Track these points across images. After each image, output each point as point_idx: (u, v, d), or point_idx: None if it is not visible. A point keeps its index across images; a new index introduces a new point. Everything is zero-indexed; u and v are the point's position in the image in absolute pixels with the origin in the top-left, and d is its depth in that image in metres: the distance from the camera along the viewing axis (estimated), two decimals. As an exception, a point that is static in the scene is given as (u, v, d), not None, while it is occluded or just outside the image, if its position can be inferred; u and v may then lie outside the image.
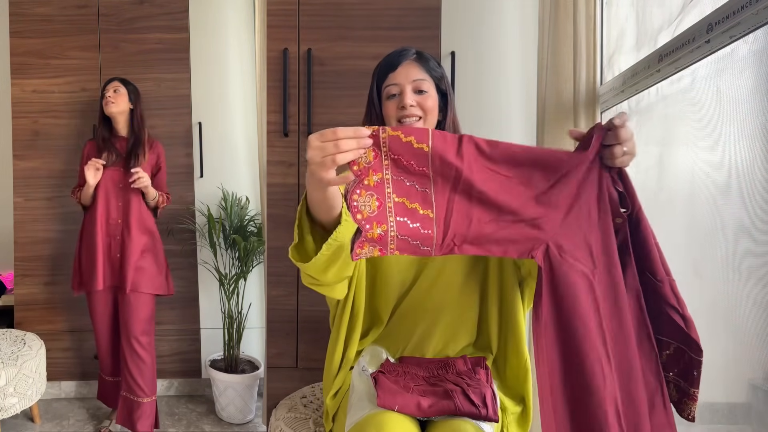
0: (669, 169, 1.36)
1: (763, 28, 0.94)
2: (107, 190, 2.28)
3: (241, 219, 2.63)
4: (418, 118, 1.18)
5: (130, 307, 2.24)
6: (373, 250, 0.88)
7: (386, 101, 1.20)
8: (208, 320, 2.78)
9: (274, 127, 1.84)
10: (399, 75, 1.19)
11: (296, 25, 1.84)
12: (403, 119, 1.17)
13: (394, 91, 1.19)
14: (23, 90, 2.62)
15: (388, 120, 1.20)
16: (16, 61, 2.61)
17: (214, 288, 2.74)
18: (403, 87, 1.17)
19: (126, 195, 2.27)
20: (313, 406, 1.45)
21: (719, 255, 1.18)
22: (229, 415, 2.51)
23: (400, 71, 1.19)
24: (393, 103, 1.19)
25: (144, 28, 2.66)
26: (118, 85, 2.31)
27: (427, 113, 1.19)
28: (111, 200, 2.28)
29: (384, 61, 1.22)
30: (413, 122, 1.17)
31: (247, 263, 2.55)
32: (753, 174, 1.05)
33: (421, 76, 1.19)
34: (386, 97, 1.20)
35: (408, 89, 1.17)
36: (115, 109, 2.29)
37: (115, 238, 2.27)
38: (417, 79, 1.18)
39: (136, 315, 2.24)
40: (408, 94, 1.17)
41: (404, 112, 1.17)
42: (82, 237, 2.35)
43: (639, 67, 1.34)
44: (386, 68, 1.20)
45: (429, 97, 1.18)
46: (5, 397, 2.05)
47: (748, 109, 1.06)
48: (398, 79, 1.18)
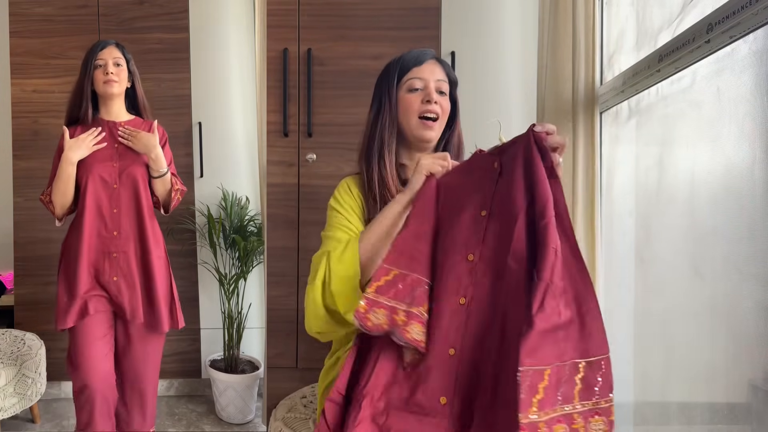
0: (669, 169, 1.36)
1: (763, 28, 0.94)
2: (96, 191, 1.73)
3: (241, 219, 2.63)
4: (435, 118, 1.18)
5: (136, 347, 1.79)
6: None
7: (407, 94, 1.19)
8: (208, 320, 2.78)
9: (274, 127, 1.84)
10: (425, 70, 1.19)
11: (296, 25, 1.84)
12: (426, 113, 1.17)
13: (419, 85, 1.18)
14: (23, 90, 2.62)
15: (408, 114, 1.19)
16: (16, 61, 2.61)
17: (214, 288, 2.74)
18: (428, 83, 1.18)
19: (126, 198, 1.76)
20: (312, 406, 1.45)
21: (719, 255, 1.18)
22: (229, 416, 2.51)
23: (426, 67, 1.19)
24: (416, 96, 1.18)
25: (144, 28, 2.66)
26: (118, 55, 1.78)
27: (444, 115, 1.19)
28: (103, 204, 1.73)
29: (407, 55, 1.22)
30: (432, 122, 1.17)
31: (247, 263, 2.55)
32: (753, 174, 1.05)
33: (443, 77, 1.20)
34: (408, 90, 1.19)
35: (432, 86, 1.18)
36: (119, 89, 1.78)
37: (109, 256, 1.74)
38: (440, 79, 1.19)
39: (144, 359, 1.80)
40: (433, 91, 1.17)
41: (428, 106, 1.17)
42: (65, 258, 1.79)
43: (639, 67, 1.33)
44: (411, 62, 1.20)
45: (446, 100, 1.19)
46: (5, 397, 2.05)
47: (748, 109, 1.06)
48: (424, 74, 1.18)
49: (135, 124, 1.82)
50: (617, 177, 1.56)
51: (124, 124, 1.79)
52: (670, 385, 1.39)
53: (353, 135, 1.79)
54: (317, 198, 1.83)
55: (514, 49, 2.33)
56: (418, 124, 1.18)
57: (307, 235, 1.85)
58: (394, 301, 0.94)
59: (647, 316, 1.51)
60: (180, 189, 1.87)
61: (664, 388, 1.42)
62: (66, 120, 1.82)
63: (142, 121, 1.85)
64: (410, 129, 1.19)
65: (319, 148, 1.84)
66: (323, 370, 1.27)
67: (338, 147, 1.84)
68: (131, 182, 1.76)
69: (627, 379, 1.57)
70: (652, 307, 1.49)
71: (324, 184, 1.83)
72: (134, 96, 1.86)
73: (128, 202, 1.75)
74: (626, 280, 1.56)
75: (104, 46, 1.77)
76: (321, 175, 1.85)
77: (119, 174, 1.75)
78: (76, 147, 1.71)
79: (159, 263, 1.79)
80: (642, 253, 1.51)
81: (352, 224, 1.17)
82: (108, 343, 1.76)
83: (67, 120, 1.82)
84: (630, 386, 1.57)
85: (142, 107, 1.86)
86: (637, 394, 1.55)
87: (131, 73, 1.82)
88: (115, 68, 1.75)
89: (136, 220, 1.76)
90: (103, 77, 1.74)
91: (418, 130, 1.18)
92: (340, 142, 1.84)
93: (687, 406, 1.30)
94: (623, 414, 1.58)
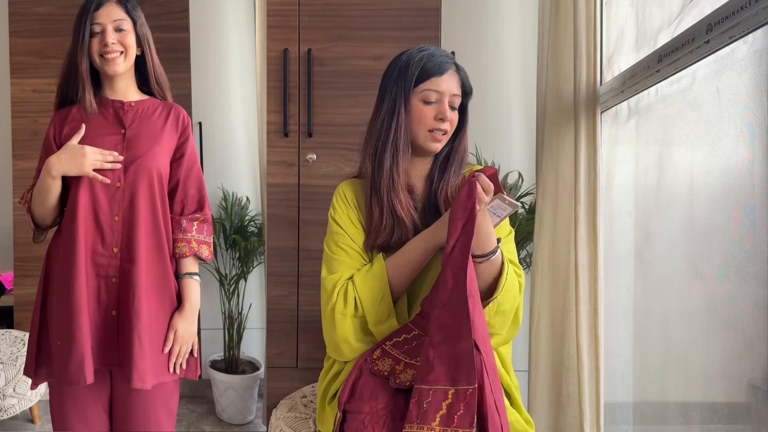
0: (668, 169, 1.36)
1: (762, 28, 0.94)
2: (93, 192, 1.26)
3: (242, 219, 2.63)
4: (443, 134, 1.15)
5: (144, 405, 1.31)
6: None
7: (421, 104, 1.14)
8: (208, 321, 2.78)
9: (275, 128, 1.85)
10: (443, 83, 1.13)
11: (296, 25, 1.84)
12: (436, 130, 1.14)
13: (434, 98, 1.13)
14: (23, 90, 2.61)
15: (418, 125, 1.15)
16: (16, 61, 2.61)
17: (214, 288, 2.74)
18: (443, 96, 1.13)
19: (133, 201, 1.28)
20: (313, 405, 1.45)
21: (719, 255, 1.18)
22: (229, 416, 2.51)
23: (446, 79, 1.13)
24: (430, 110, 1.14)
25: (144, 28, 2.65)
26: (121, 16, 1.30)
27: (452, 129, 1.17)
28: (101, 210, 1.26)
29: (429, 60, 1.14)
30: (442, 136, 1.15)
31: (248, 263, 2.55)
32: (752, 174, 1.05)
33: (458, 92, 1.15)
34: (422, 100, 1.14)
35: (446, 101, 1.13)
36: (124, 65, 1.31)
37: (108, 281, 1.27)
38: (455, 94, 1.15)
39: (156, 418, 1.32)
40: (446, 106, 1.13)
41: (441, 125, 1.14)
42: (47, 284, 1.31)
43: (639, 67, 1.34)
44: (432, 70, 1.13)
45: (456, 115, 1.16)
46: (5, 398, 2.05)
47: (747, 109, 1.06)
48: (442, 86, 1.13)
49: (147, 106, 1.36)
50: (617, 177, 1.57)
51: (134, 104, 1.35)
52: (669, 384, 1.39)
53: (353, 135, 1.79)
54: (317, 198, 1.84)
55: (514, 49, 2.34)
56: (427, 136, 1.15)
57: (308, 235, 1.86)
58: (402, 355, 1.07)
59: (647, 316, 1.52)
60: (204, 236, 1.39)
61: (663, 388, 1.43)
62: (57, 102, 1.38)
63: (160, 102, 1.39)
64: (418, 138, 1.16)
65: (319, 148, 1.85)
66: (323, 370, 1.28)
67: (338, 147, 1.85)
68: (143, 180, 1.28)
69: (626, 379, 1.57)
70: (651, 307, 1.49)
71: (324, 184, 1.83)
72: (144, 68, 1.37)
73: (136, 208, 1.27)
74: (626, 280, 1.56)
75: (101, 2, 1.28)
76: (321, 175, 1.85)
77: (125, 168, 1.28)
78: (68, 158, 1.23)
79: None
80: (641, 253, 1.52)
81: (353, 241, 1.18)
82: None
83: (58, 102, 1.38)
84: (629, 386, 1.57)
85: (153, 84, 1.37)
86: (637, 393, 1.55)
87: (140, 37, 1.33)
88: (117, 35, 1.28)
89: (144, 231, 1.28)
90: (101, 49, 1.28)
91: (426, 143, 1.16)
92: (340, 143, 1.84)
93: (686, 405, 1.30)
94: (623, 413, 1.58)
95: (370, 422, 1.00)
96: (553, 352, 1.60)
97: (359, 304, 1.12)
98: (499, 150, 2.24)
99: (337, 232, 1.21)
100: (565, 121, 1.57)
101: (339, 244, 1.19)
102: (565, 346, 1.56)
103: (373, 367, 1.07)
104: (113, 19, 1.28)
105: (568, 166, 1.56)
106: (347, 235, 1.19)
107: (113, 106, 1.34)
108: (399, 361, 1.07)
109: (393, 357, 1.08)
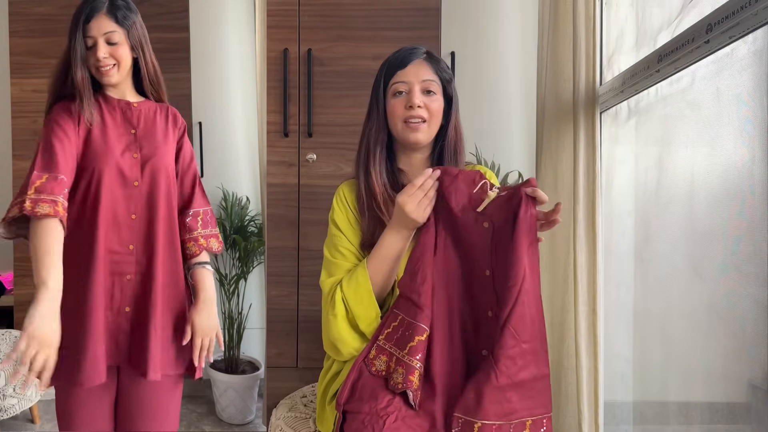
0: (668, 169, 1.36)
1: (762, 28, 0.94)
2: (113, 190, 1.26)
3: (242, 219, 2.63)
4: (422, 121, 1.15)
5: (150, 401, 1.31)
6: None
7: (392, 99, 1.17)
8: (208, 320, 2.78)
9: (275, 128, 1.85)
10: (408, 73, 1.16)
11: (296, 25, 1.84)
12: (409, 120, 1.15)
13: (402, 89, 1.16)
14: (23, 90, 2.62)
15: (393, 119, 1.17)
16: (16, 61, 2.61)
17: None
18: (412, 86, 1.15)
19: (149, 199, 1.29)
20: (313, 405, 1.45)
21: (718, 255, 1.18)
22: (229, 416, 2.51)
23: (410, 69, 1.16)
24: (400, 102, 1.16)
25: (144, 27, 2.65)
26: (112, 28, 1.28)
27: (433, 116, 1.16)
28: (119, 208, 1.26)
29: (393, 57, 1.19)
30: (418, 124, 1.15)
31: (248, 263, 2.55)
32: (752, 174, 1.05)
33: (430, 77, 1.16)
34: (392, 95, 1.17)
35: (416, 89, 1.15)
36: (118, 77, 1.32)
37: (123, 278, 1.26)
38: (426, 79, 1.15)
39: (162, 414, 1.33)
40: (416, 94, 1.14)
41: (411, 112, 1.14)
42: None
43: (638, 67, 1.34)
44: (395, 65, 1.17)
45: (436, 100, 1.16)
46: (5, 398, 2.05)
47: (747, 109, 1.06)
48: (407, 77, 1.15)
49: (147, 107, 1.38)
50: (617, 177, 1.57)
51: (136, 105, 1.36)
52: (669, 384, 1.40)
53: (353, 135, 1.79)
54: (317, 198, 1.84)
55: (514, 49, 2.34)
56: (403, 127, 1.16)
57: (307, 235, 1.86)
58: (394, 348, 1.06)
59: (647, 315, 1.52)
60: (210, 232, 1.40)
61: (663, 388, 1.43)
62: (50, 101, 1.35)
63: (156, 104, 1.40)
64: (398, 134, 1.18)
65: (319, 149, 1.85)
66: (323, 370, 1.28)
67: (338, 147, 1.85)
68: (160, 178, 1.30)
69: (627, 379, 1.57)
70: (651, 306, 1.49)
71: (324, 184, 1.83)
72: (138, 74, 1.37)
73: (153, 206, 1.29)
74: (626, 280, 1.57)
75: (91, 14, 1.27)
76: (321, 175, 1.85)
77: (141, 167, 1.29)
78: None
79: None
80: (641, 252, 1.52)
81: (350, 243, 1.20)
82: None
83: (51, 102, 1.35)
84: (629, 385, 1.57)
85: (147, 86, 1.38)
86: (637, 393, 1.55)
87: (134, 45, 1.33)
88: (109, 48, 1.27)
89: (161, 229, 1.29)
90: (95, 63, 1.28)
91: (404, 134, 1.16)
92: (340, 142, 1.84)
93: (686, 405, 1.30)
94: (623, 413, 1.58)
95: (370, 422, 1.01)
96: (552, 351, 1.60)
97: (348, 307, 1.13)
98: (498, 150, 2.24)
99: (336, 234, 1.22)
100: (565, 122, 1.58)
101: (337, 247, 1.20)
102: (564, 346, 1.56)
103: (371, 368, 1.08)
104: (104, 32, 1.27)
105: (567, 166, 1.56)
106: (345, 237, 1.20)
107: (119, 106, 1.35)
108: (392, 356, 1.06)
109: (387, 352, 1.07)
